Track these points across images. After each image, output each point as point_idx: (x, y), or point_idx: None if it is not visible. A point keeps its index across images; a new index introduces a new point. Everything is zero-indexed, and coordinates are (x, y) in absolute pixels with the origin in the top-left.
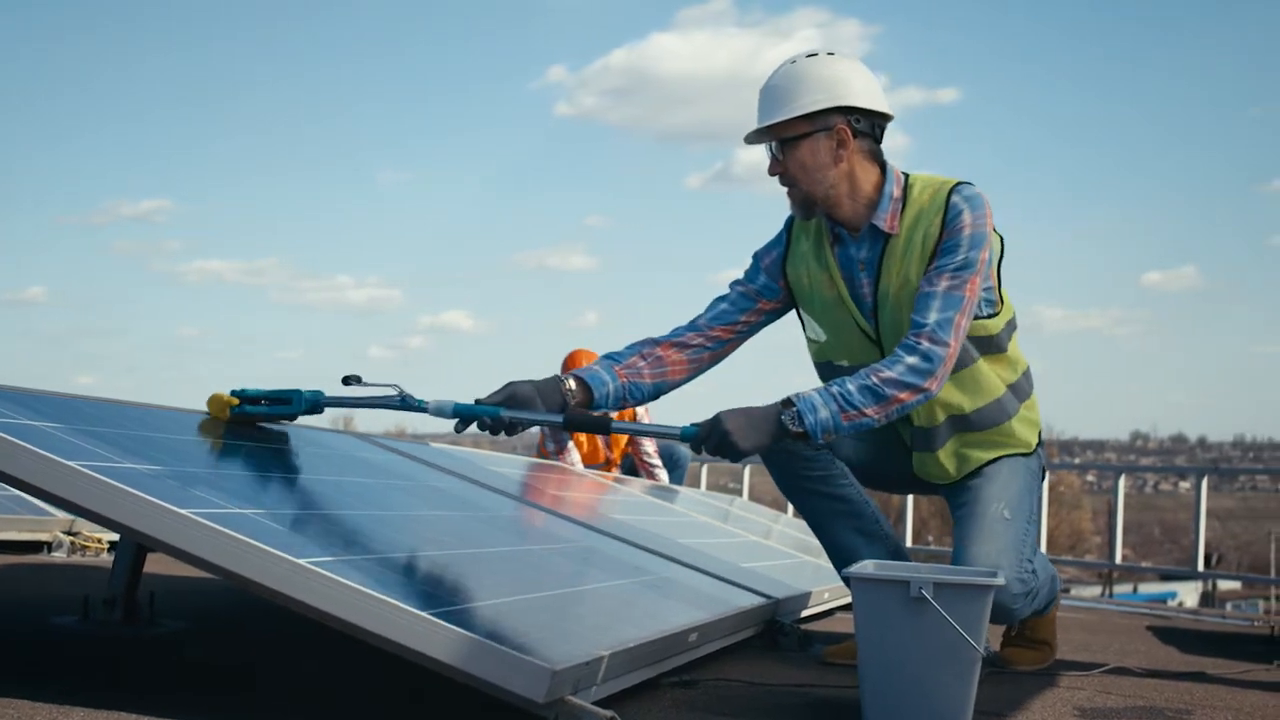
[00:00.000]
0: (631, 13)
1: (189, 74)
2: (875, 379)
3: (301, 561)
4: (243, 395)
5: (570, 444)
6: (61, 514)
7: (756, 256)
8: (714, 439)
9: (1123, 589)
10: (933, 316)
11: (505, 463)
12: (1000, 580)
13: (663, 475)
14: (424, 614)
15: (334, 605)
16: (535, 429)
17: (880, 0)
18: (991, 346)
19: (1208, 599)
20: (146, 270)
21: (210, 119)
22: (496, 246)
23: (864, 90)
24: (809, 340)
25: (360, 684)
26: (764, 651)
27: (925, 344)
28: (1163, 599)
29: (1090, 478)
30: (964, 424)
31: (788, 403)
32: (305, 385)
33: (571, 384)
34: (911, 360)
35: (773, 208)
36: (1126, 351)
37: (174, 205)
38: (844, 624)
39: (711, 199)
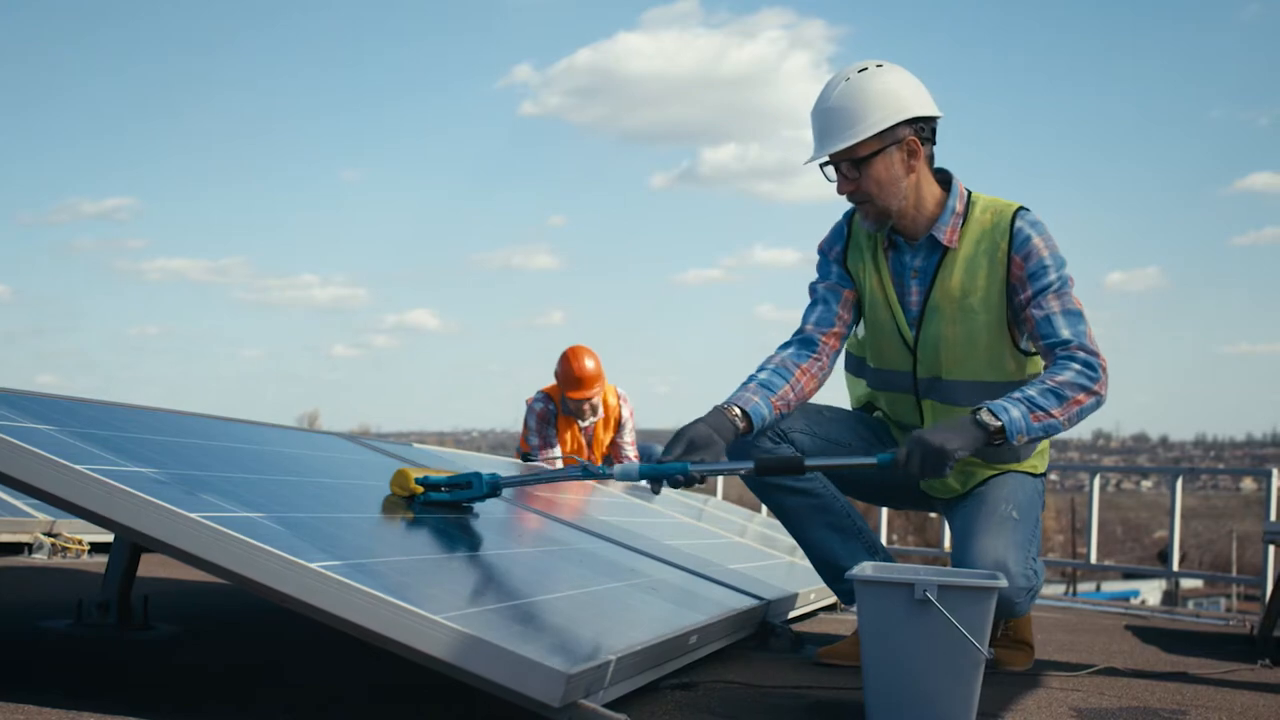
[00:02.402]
0: (598, 12)
1: (153, 73)
2: (1052, 382)
3: (314, 566)
4: (425, 483)
5: (555, 441)
6: (42, 515)
7: (823, 251)
8: (917, 455)
9: (1085, 587)
10: (1068, 333)
11: (487, 464)
12: (1003, 582)
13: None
14: (438, 618)
15: (348, 610)
16: (521, 423)
17: (846, 1)
18: None
19: (1170, 597)
20: (109, 269)
21: (174, 118)
22: (461, 245)
23: (918, 98)
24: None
25: (360, 684)
26: (757, 653)
27: (1082, 354)
28: (1125, 597)
29: (1052, 476)
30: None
31: (977, 408)
32: (278, 385)
33: (737, 411)
34: (1077, 367)
35: (738, 208)
36: None
37: (137, 204)
38: (831, 624)
39: (675, 198)
